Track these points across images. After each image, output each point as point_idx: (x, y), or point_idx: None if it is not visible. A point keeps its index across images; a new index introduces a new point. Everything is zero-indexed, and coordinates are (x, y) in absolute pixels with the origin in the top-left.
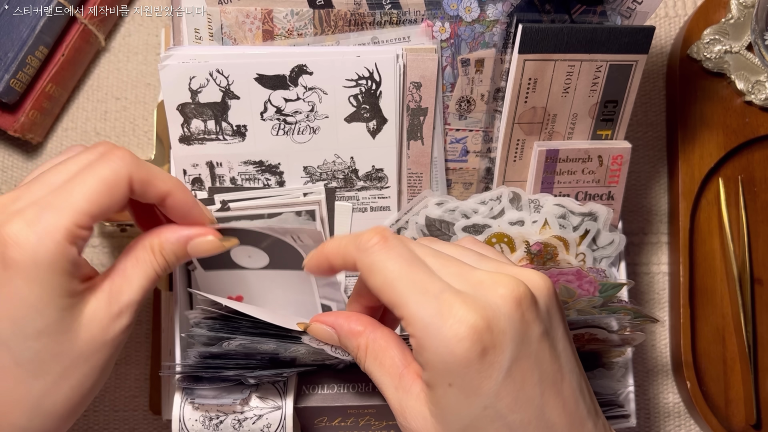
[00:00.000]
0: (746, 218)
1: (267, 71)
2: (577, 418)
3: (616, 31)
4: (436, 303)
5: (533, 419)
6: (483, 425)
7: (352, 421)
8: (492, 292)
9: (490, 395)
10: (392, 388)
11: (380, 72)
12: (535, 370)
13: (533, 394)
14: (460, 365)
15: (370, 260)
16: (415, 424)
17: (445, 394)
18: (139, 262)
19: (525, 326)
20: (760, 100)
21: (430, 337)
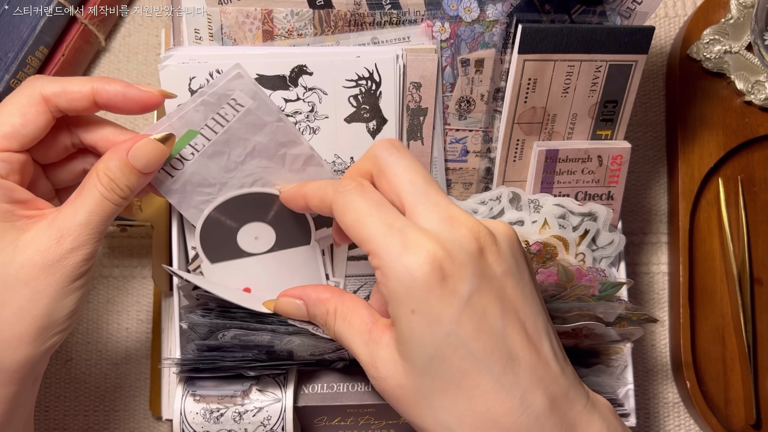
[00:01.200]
0: (746, 218)
1: (267, 71)
2: (542, 357)
3: (616, 31)
4: (400, 235)
5: (495, 349)
6: (447, 354)
7: (352, 421)
8: (455, 229)
9: (452, 322)
10: (362, 344)
11: (380, 72)
12: (496, 303)
13: (495, 325)
14: (420, 289)
15: (343, 200)
16: (385, 370)
17: (409, 323)
18: (84, 189)
19: (485, 263)
20: (759, 100)
21: (393, 265)
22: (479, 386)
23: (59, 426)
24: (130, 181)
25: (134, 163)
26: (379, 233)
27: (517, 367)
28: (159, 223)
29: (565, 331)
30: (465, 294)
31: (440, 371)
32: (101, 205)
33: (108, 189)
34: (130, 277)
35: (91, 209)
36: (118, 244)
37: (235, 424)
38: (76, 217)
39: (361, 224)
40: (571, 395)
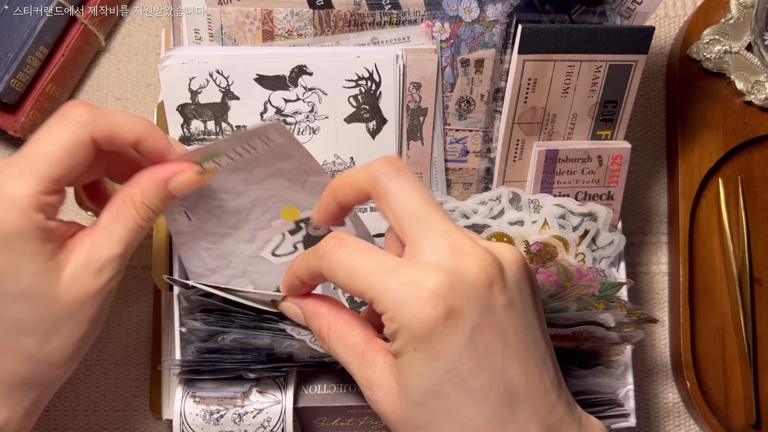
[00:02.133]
0: (746, 218)
1: (267, 72)
2: (540, 389)
3: (616, 31)
4: (395, 276)
5: (494, 386)
6: (445, 390)
7: (352, 421)
8: (459, 260)
9: (453, 359)
10: (357, 365)
11: (380, 72)
12: (498, 338)
13: (495, 361)
14: (424, 328)
15: (329, 264)
16: (381, 395)
17: (410, 360)
18: (119, 217)
19: (489, 295)
20: (759, 100)
21: (396, 308)
22: (474, 421)
23: (59, 426)
24: (165, 206)
25: (173, 192)
26: (374, 280)
27: (514, 402)
28: (159, 223)
29: (565, 334)
30: (468, 330)
31: (436, 405)
32: (137, 234)
33: (145, 219)
34: (130, 277)
35: (128, 240)
36: None
37: (235, 425)
38: (114, 249)
39: (354, 279)
40: (566, 421)
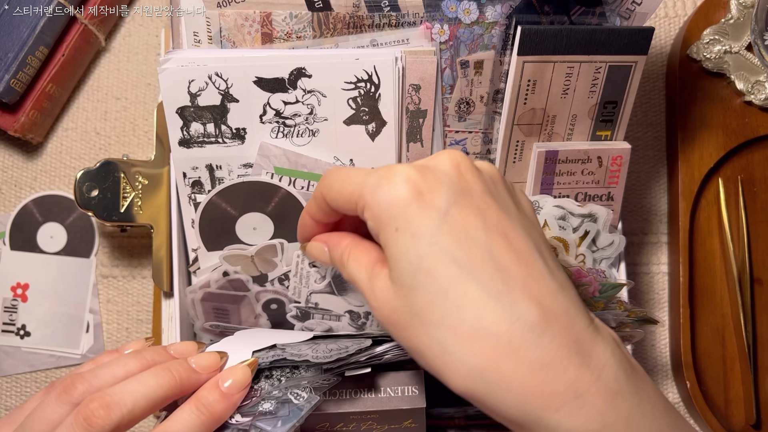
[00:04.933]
0: (746, 218)
1: (266, 74)
2: (534, 271)
3: (616, 32)
4: (376, 174)
5: (481, 259)
6: (432, 264)
7: (354, 426)
8: (432, 159)
9: (433, 232)
10: (366, 279)
11: (379, 74)
12: (477, 217)
13: (477, 235)
14: (399, 206)
15: (327, 182)
16: (381, 296)
17: (395, 242)
18: None
19: (463, 181)
20: (759, 100)
21: (373, 196)
22: (467, 294)
23: None
24: (233, 406)
25: (229, 394)
26: (359, 180)
27: (506, 277)
28: (159, 224)
29: None
30: (443, 207)
31: (426, 284)
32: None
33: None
34: (131, 277)
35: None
36: (118, 244)
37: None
38: None
39: (345, 185)
40: (572, 313)
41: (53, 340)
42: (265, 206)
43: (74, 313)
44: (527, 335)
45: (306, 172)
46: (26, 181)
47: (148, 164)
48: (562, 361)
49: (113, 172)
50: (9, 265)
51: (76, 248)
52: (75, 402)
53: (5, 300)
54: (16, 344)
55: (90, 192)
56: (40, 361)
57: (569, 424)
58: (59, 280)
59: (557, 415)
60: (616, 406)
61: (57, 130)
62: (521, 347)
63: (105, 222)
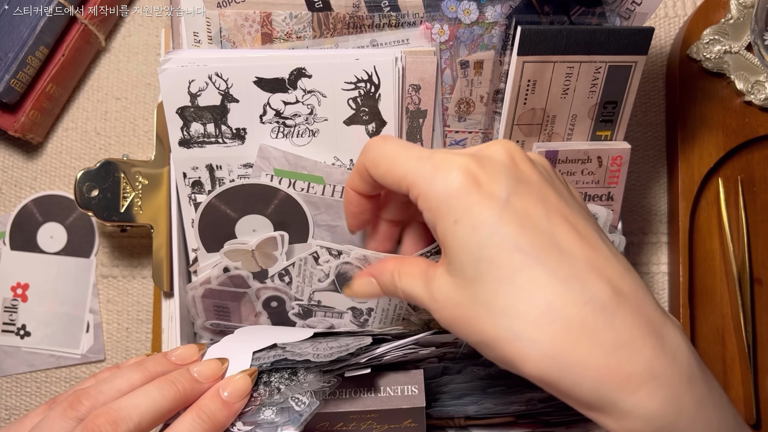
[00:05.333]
0: (746, 218)
1: (266, 74)
2: (600, 253)
3: (615, 32)
4: (430, 161)
5: (545, 244)
6: (495, 253)
7: (354, 426)
8: (484, 149)
9: (494, 222)
10: (422, 287)
11: (379, 75)
12: (538, 205)
13: (539, 221)
14: (458, 198)
15: (372, 156)
16: (441, 295)
17: (454, 235)
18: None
19: (519, 170)
20: (759, 100)
21: (429, 186)
22: (534, 279)
23: None
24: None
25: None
26: (411, 166)
27: (572, 261)
28: (159, 224)
29: None
30: (503, 196)
31: (491, 272)
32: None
33: None
34: (130, 277)
35: None
36: (118, 244)
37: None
38: None
39: (394, 166)
40: (641, 294)
41: (53, 340)
42: (264, 208)
43: (74, 313)
44: (600, 316)
45: (306, 173)
46: (26, 181)
47: (148, 164)
48: (636, 342)
49: (113, 172)
50: (9, 265)
51: (76, 248)
52: (80, 418)
53: (5, 300)
54: (16, 344)
55: (90, 192)
56: (40, 361)
57: (646, 406)
58: (59, 280)
59: (635, 398)
60: (692, 390)
61: (57, 130)
62: (594, 328)
63: (105, 222)
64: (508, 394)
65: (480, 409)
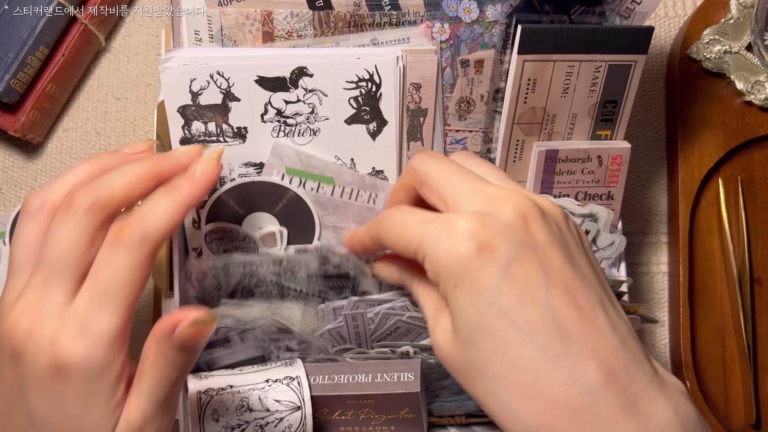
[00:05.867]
0: (746, 218)
1: (267, 73)
2: (596, 328)
3: (616, 31)
4: (435, 223)
5: (540, 319)
6: (490, 323)
7: (352, 414)
8: (496, 205)
9: (492, 291)
10: (432, 311)
11: (380, 74)
12: (540, 273)
13: (538, 294)
14: (458, 263)
15: (384, 225)
16: (441, 338)
17: (453, 298)
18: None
19: (526, 232)
20: (759, 100)
21: (433, 248)
22: (524, 356)
23: None
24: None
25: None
26: (418, 230)
27: (566, 337)
28: None
29: None
30: (503, 263)
31: (484, 342)
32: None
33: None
34: None
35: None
36: None
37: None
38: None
39: (403, 232)
40: (632, 370)
41: None
42: (272, 207)
43: None
44: (584, 398)
45: (317, 174)
46: (26, 181)
47: None
48: (619, 424)
49: None
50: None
51: None
52: (35, 211)
53: None
54: None
55: None
56: None
57: None
58: None
59: None
60: None
61: (57, 130)
62: (577, 410)
63: None
64: None
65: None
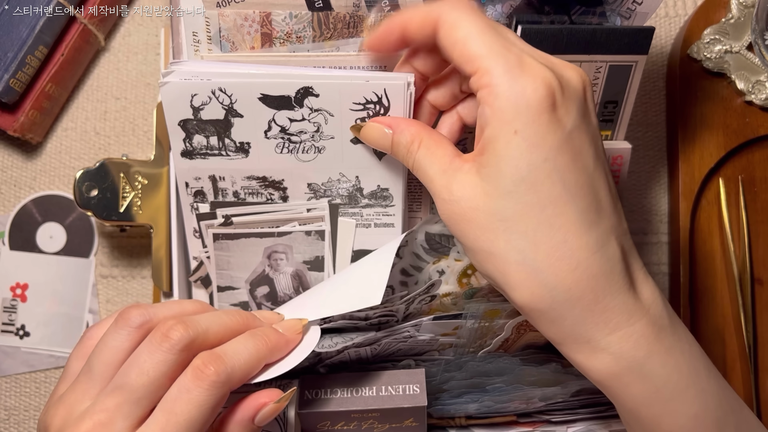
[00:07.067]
0: (746, 218)
1: (271, 91)
2: (617, 211)
3: (616, 32)
4: (517, 59)
5: (586, 186)
6: (540, 178)
7: (355, 425)
8: (561, 69)
9: (553, 148)
10: (440, 172)
11: (389, 98)
12: (591, 146)
13: (588, 164)
14: (530, 111)
15: (456, 14)
16: (461, 192)
17: (507, 145)
18: None
19: (587, 105)
20: (760, 100)
21: (507, 84)
22: (563, 215)
23: None
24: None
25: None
26: (495, 51)
27: (600, 209)
28: (158, 224)
29: None
30: (569, 127)
31: (527, 195)
32: None
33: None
34: (130, 277)
35: None
36: (118, 244)
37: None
38: None
39: (476, 40)
40: (633, 254)
41: (53, 341)
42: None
43: (74, 313)
44: (604, 265)
45: None
46: (26, 181)
47: (147, 164)
48: (623, 293)
49: (113, 171)
50: (8, 265)
51: (75, 248)
52: (134, 327)
53: (5, 300)
54: (15, 344)
55: (89, 192)
56: (40, 362)
57: (619, 346)
58: (59, 280)
59: (610, 338)
60: (661, 339)
61: (56, 130)
62: (595, 275)
63: (104, 222)
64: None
65: (480, 407)
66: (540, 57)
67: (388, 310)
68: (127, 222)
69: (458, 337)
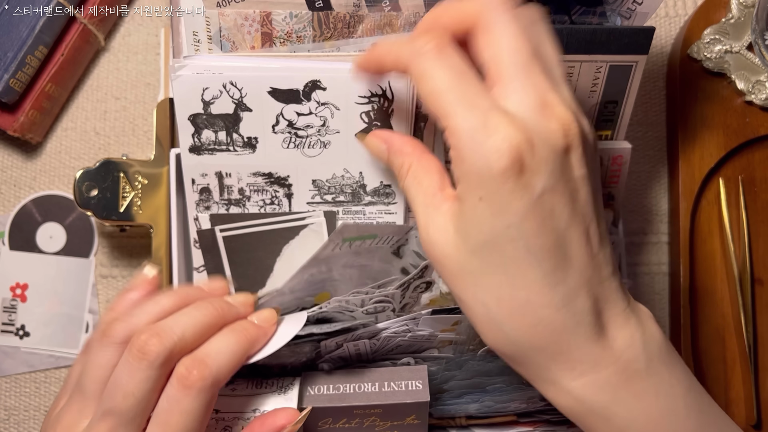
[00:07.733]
0: (746, 218)
1: (281, 85)
2: (596, 261)
3: (616, 31)
4: (482, 117)
5: (553, 248)
6: (503, 243)
7: (357, 422)
8: (545, 120)
9: (517, 215)
10: (422, 205)
11: (393, 90)
12: (566, 205)
13: (559, 225)
14: (494, 180)
15: (421, 67)
16: (437, 236)
17: (473, 208)
18: None
19: (567, 163)
20: (760, 100)
21: (471, 149)
22: (526, 276)
23: None
24: None
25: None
26: (459, 111)
27: (568, 267)
28: (158, 224)
29: None
30: (538, 191)
31: (491, 256)
32: None
33: None
34: (130, 277)
35: None
36: (118, 244)
37: None
38: None
39: (440, 98)
40: (613, 299)
41: (52, 341)
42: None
43: (74, 314)
44: (568, 321)
45: (367, 235)
46: (25, 181)
47: (147, 164)
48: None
49: (113, 171)
50: (8, 265)
51: (75, 248)
52: (118, 342)
53: (4, 300)
54: (15, 344)
55: (89, 192)
56: (40, 362)
57: (583, 391)
58: (58, 280)
59: (574, 383)
60: (630, 384)
61: (56, 130)
62: (557, 330)
63: (104, 222)
64: (509, 392)
65: (481, 407)
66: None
67: (383, 295)
68: (127, 222)
69: (457, 334)
